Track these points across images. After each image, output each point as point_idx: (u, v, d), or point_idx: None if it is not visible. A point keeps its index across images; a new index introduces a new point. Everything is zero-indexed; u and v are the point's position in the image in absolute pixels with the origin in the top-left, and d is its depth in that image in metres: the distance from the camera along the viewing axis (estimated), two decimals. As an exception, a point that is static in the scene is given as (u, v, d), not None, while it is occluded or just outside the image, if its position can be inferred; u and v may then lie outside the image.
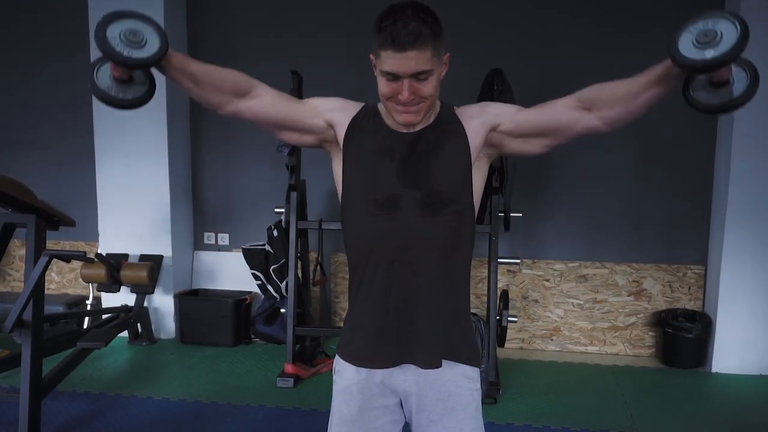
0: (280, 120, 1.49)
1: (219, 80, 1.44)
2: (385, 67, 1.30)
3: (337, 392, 1.51)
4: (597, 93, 1.37)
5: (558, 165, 4.23)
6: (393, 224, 1.38)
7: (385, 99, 1.35)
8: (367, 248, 1.41)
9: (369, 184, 1.41)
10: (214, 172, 4.75)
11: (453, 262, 1.42)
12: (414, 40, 1.24)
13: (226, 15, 4.59)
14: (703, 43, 1.16)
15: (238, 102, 1.46)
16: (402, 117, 1.35)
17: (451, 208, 1.39)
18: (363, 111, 1.48)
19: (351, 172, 1.44)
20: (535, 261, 4.35)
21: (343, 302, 4.64)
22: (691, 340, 3.90)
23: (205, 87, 1.43)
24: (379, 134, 1.43)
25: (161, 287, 4.47)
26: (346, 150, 1.45)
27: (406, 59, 1.26)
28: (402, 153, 1.41)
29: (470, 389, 1.46)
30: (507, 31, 4.23)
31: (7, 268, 5.12)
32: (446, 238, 1.39)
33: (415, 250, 1.38)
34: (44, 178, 4.62)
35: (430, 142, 1.41)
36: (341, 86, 4.35)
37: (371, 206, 1.40)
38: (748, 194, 3.76)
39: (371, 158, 1.42)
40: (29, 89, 4.89)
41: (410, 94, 1.30)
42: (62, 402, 3.28)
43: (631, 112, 1.34)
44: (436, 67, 1.32)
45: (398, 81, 1.30)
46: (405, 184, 1.39)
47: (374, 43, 1.32)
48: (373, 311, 1.42)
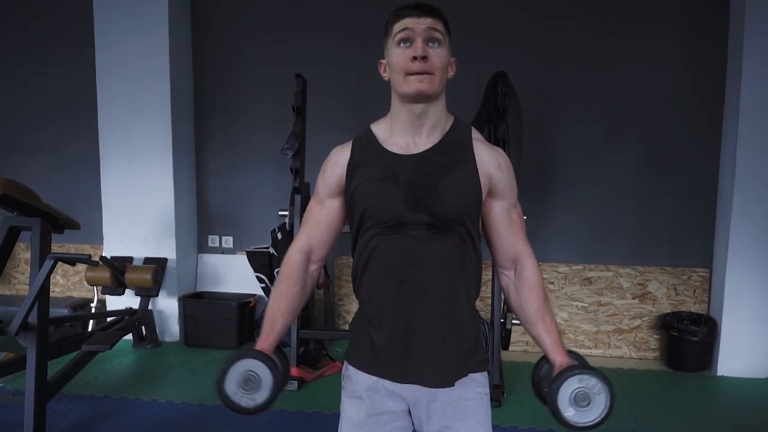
0: (332, 232, 1.52)
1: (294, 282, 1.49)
2: (399, 30, 1.34)
3: (346, 397, 1.50)
4: (521, 287, 1.47)
5: (562, 168, 4.22)
6: (401, 243, 1.38)
7: (399, 71, 1.35)
8: (375, 269, 1.41)
9: (376, 210, 1.39)
10: (218, 175, 4.76)
11: (461, 279, 1.41)
12: (430, 11, 1.35)
13: (231, 20, 4.60)
14: (579, 405, 1.34)
15: (315, 264, 1.53)
16: (415, 86, 1.33)
17: (457, 231, 1.39)
18: (356, 144, 1.46)
19: (357, 203, 1.42)
20: (540, 264, 4.30)
21: (347, 305, 4.65)
22: (696, 343, 3.88)
23: (300, 299, 1.51)
24: (381, 161, 1.41)
25: (165, 290, 4.47)
26: (348, 187, 1.43)
27: (422, 20, 1.34)
28: (407, 176, 1.38)
29: (480, 393, 1.46)
30: (510, 35, 4.23)
31: (12, 271, 5.14)
32: (453, 257, 1.39)
33: (423, 269, 1.38)
34: (49, 182, 4.64)
35: (438, 164, 1.39)
36: (344, 89, 4.41)
37: (379, 229, 1.40)
38: (753, 197, 3.75)
39: (376, 187, 1.40)
40: (35, 93, 4.91)
41: (424, 50, 1.32)
42: (67, 405, 3.29)
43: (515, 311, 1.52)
44: (447, 46, 1.37)
45: (412, 46, 1.33)
46: (411, 208, 1.37)
47: (388, 28, 1.37)
48: (381, 331, 1.42)
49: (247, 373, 1.37)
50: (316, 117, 4.10)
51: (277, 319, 1.46)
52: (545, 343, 1.43)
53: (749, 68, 3.63)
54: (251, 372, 1.37)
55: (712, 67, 3.96)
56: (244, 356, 1.38)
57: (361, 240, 1.44)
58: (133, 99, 4.39)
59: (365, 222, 1.42)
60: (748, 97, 3.67)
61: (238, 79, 4.62)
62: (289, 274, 1.49)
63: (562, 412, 1.35)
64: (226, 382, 1.36)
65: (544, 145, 4.18)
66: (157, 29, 4.30)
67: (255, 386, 1.37)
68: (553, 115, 4.17)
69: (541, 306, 1.45)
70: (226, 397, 1.37)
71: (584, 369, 1.35)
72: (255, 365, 1.37)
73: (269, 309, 1.47)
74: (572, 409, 1.34)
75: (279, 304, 1.47)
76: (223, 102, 4.67)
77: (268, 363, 1.37)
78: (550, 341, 1.43)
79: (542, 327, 1.44)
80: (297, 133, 3.75)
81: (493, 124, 3.51)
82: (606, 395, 1.32)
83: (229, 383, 1.36)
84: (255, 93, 4.61)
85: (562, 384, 1.34)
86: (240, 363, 1.37)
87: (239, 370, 1.37)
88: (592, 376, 1.33)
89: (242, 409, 1.38)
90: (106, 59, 4.39)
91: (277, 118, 4.37)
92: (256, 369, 1.37)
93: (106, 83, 4.41)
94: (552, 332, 1.43)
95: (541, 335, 1.44)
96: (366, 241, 1.43)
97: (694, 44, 3.99)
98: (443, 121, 1.43)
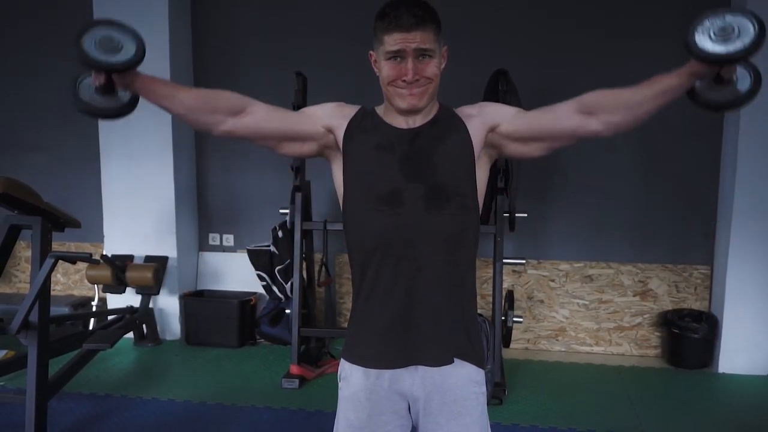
0: (279, 132, 1.49)
1: (209, 99, 1.46)
2: (389, 48, 1.34)
3: (343, 398, 1.49)
4: (601, 99, 1.38)
5: (563, 165, 4.22)
6: (397, 219, 1.38)
7: (389, 83, 1.37)
8: (372, 245, 1.41)
9: (371, 179, 1.41)
10: (219, 172, 4.76)
11: (458, 257, 1.42)
12: (418, 22, 1.32)
13: (230, 18, 4.59)
14: (721, 38, 1.18)
15: (233, 120, 1.46)
16: (406, 100, 1.37)
17: (456, 202, 1.39)
18: (361, 112, 1.49)
19: (352, 169, 1.44)
20: (541, 261, 4.33)
21: (348, 303, 4.64)
22: (698, 341, 3.88)
23: (194, 107, 1.44)
24: (379, 131, 1.44)
25: (166, 288, 4.47)
26: (346, 149, 1.45)
27: (411, 38, 1.32)
28: (403, 147, 1.41)
29: (476, 393, 1.46)
30: (510, 34, 4.22)
31: (13, 269, 5.13)
32: (451, 232, 1.40)
33: (420, 245, 1.38)
34: (50, 180, 4.63)
35: (431, 137, 1.42)
36: (344, 87, 4.40)
37: (374, 202, 1.40)
38: (755, 194, 3.74)
39: (372, 154, 1.42)
40: (34, 91, 4.90)
41: (415, 72, 1.33)
42: (68, 403, 3.29)
43: (635, 120, 1.36)
44: (438, 50, 1.37)
45: (402, 61, 1.34)
46: (408, 177, 1.39)
47: (376, 32, 1.37)
48: (379, 310, 1.42)
49: (113, 32, 1.31)
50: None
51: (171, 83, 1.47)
52: (659, 85, 1.29)
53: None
54: (116, 35, 1.31)
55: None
56: (117, 24, 1.32)
57: (356, 215, 1.44)
58: (133, 97, 4.37)
59: (359, 194, 1.42)
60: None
61: (238, 77, 4.61)
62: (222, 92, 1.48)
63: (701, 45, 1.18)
64: (86, 34, 1.28)
65: (545, 142, 4.16)
66: (158, 27, 4.29)
67: (113, 48, 1.30)
68: (554, 113, 4.15)
69: (623, 88, 1.35)
70: (81, 49, 1.27)
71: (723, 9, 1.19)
72: (123, 35, 1.31)
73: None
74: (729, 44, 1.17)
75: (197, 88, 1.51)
76: (224, 100, 4.65)
77: (137, 38, 1.32)
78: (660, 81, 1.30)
79: (646, 88, 1.31)
80: (297, 131, 3.74)
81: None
82: (752, 23, 1.17)
83: (89, 36, 1.28)
84: (255, 91, 4.48)
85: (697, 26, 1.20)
86: (110, 26, 1.32)
87: (105, 31, 1.30)
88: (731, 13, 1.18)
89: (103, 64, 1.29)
90: (106, 57, 4.38)
91: (278, 116, 4.35)
92: (122, 37, 1.31)
93: (106, 81, 4.40)
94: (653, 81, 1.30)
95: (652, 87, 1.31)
96: (360, 217, 1.43)
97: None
98: (434, 106, 1.47)
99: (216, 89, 1.48)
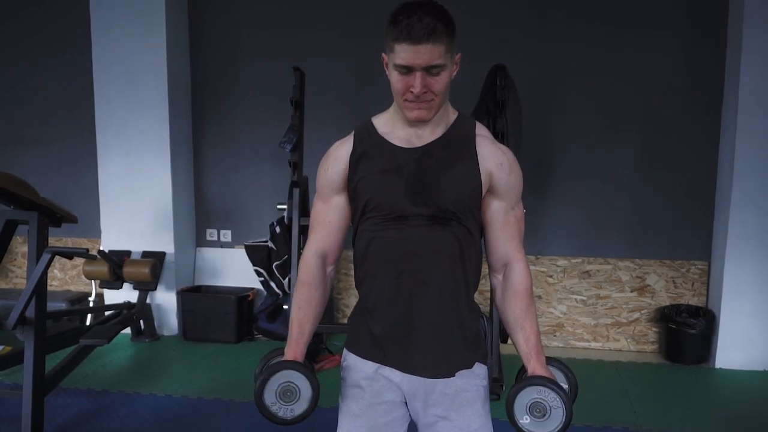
0: (343, 227, 1.51)
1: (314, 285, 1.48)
2: (398, 60, 1.29)
3: (345, 388, 1.51)
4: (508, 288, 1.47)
5: (561, 161, 4.21)
6: (401, 234, 1.39)
7: (398, 95, 1.34)
8: (375, 259, 1.42)
9: (378, 203, 1.40)
10: (216, 168, 4.75)
11: (460, 270, 1.42)
12: (429, 33, 1.25)
13: (228, 13, 4.57)
14: (533, 414, 1.35)
15: (330, 267, 1.52)
16: (414, 114, 1.34)
17: (458, 222, 1.40)
18: (358, 137, 1.45)
19: (360, 197, 1.42)
20: (538, 257, 4.34)
21: (346, 298, 4.64)
22: (695, 336, 3.89)
23: (323, 297, 1.50)
24: (384, 154, 1.41)
25: (164, 284, 4.47)
26: (351, 180, 1.43)
27: (421, 52, 1.26)
28: (410, 169, 1.39)
29: (477, 385, 1.47)
30: (509, 29, 4.21)
31: (9, 265, 5.13)
32: (453, 248, 1.40)
33: (423, 259, 1.38)
34: (46, 176, 4.62)
35: (440, 158, 1.39)
36: (342, 82, 4.39)
37: (380, 220, 1.40)
38: (752, 189, 3.75)
39: (379, 179, 1.40)
40: (31, 87, 4.89)
41: (423, 87, 1.29)
42: (65, 399, 3.29)
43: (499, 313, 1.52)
44: (449, 63, 1.32)
45: (411, 74, 1.29)
46: (414, 202, 1.38)
47: (387, 38, 1.31)
48: (381, 321, 1.43)
49: (286, 385, 1.36)
50: (314, 110, 4.08)
51: (304, 325, 1.44)
52: (522, 350, 1.43)
53: (748, 60, 3.61)
54: (290, 383, 1.35)
55: (711, 59, 3.94)
56: (282, 368, 1.36)
57: (362, 231, 1.45)
58: (130, 92, 4.36)
59: (367, 213, 1.42)
60: (747, 88, 3.66)
61: (236, 73, 4.60)
62: (309, 279, 1.47)
63: (516, 418, 1.36)
64: (265, 393, 1.35)
65: (543, 138, 4.16)
66: (155, 22, 4.28)
67: (294, 397, 1.36)
68: (552, 108, 4.16)
69: (523, 312, 1.44)
70: (266, 409, 1.35)
71: (546, 381, 1.34)
72: (294, 376, 1.35)
73: (294, 316, 1.45)
74: (528, 417, 1.35)
75: (304, 311, 1.45)
76: (221, 95, 4.65)
77: (306, 374, 1.35)
78: (526, 349, 1.42)
79: (521, 334, 1.43)
80: (295, 127, 3.74)
81: (492, 117, 3.51)
82: (563, 411, 1.32)
83: (268, 394, 1.35)
84: (253, 86, 4.58)
85: (520, 391, 1.35)
86: (279, 374, 1.35)
87: (279, 381, 1.35)
88: (551, 390, 1.32)
89: (281, 420, 1.36)
90: (103, 52, 4.37)
91: (276, 112, 4.35)
92: (295, 380, 1.36)
93: (104, 77, 4.39)
94: (530, 340, 1.42)
95: (518, 342, 1.44)
96: (366, 232, 1.43)
97: (693, 36, 3.97)
98: (447, 115, 1.43)
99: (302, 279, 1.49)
